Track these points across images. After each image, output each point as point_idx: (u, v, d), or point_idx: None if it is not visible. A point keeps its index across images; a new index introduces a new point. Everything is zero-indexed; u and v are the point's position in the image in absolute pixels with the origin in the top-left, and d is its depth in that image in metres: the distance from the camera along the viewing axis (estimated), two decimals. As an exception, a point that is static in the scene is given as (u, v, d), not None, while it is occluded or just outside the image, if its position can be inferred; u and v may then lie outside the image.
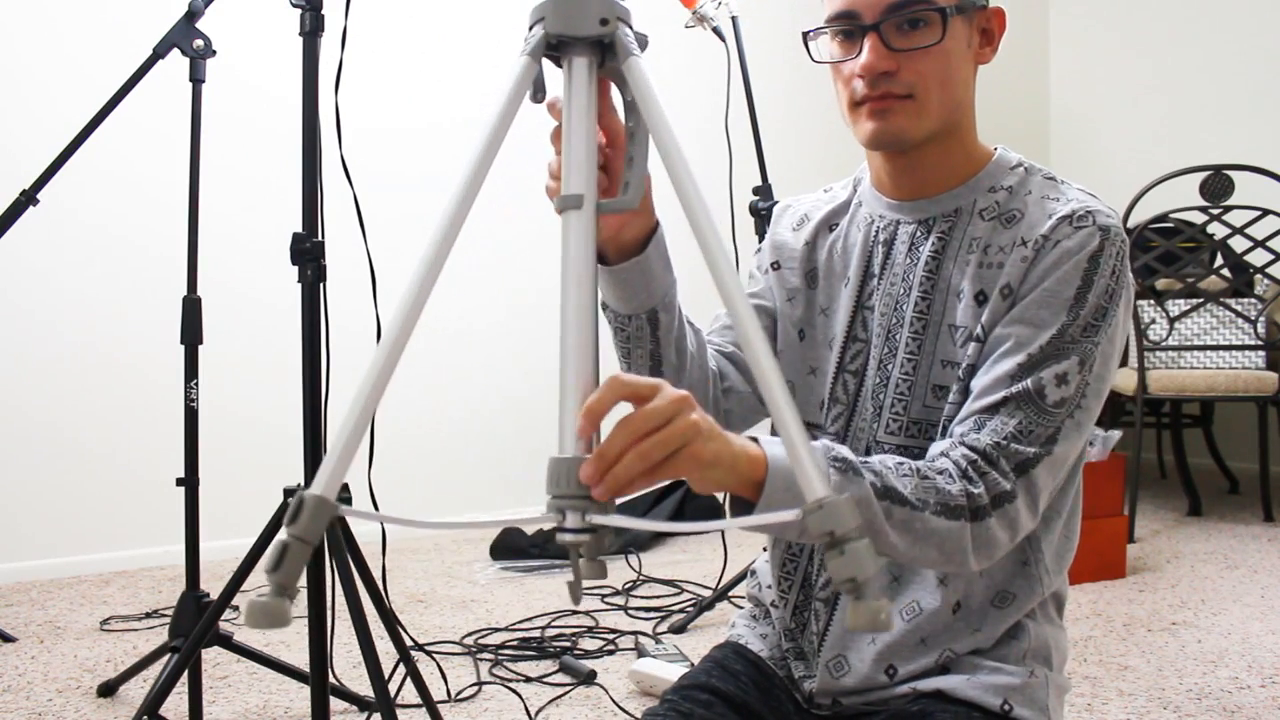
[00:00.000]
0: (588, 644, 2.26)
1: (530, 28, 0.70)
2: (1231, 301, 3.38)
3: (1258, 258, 3.37)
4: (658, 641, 2.20)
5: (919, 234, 1.01)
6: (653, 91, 0.68)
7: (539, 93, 0.73)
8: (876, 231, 1.04)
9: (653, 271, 0.94)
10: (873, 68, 0.93)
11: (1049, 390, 0.90)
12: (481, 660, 2.15)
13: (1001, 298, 0.94)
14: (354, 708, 1.89)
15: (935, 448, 0.91)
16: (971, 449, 0.89)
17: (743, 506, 0.78)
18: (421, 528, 0.61)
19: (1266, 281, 3.50)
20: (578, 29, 0.68)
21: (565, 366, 0.61)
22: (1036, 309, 0.92)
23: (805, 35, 1.01)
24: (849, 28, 0.95)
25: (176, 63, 1.88)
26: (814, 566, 1.05)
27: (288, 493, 1.52)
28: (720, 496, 2.95)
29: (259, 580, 2.80)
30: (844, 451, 0.84)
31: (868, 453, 1.00)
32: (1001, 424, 0.89)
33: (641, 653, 2.13)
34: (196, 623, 1.74)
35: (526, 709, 1.87)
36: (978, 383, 0.93)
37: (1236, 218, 3.29)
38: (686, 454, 0.69)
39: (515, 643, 2.26)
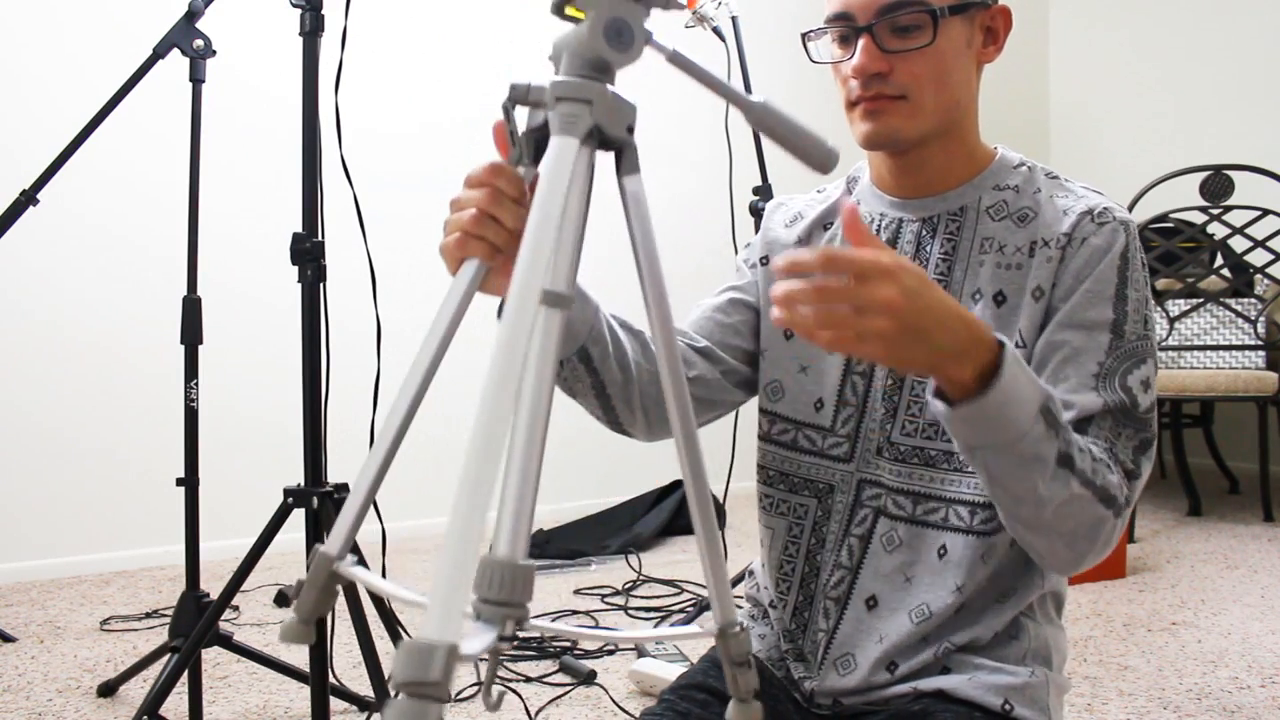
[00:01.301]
0: (588, 644, 2.26)
1: (557, 102, 0.63)
2: (1231, 301, 3.38)
3: (1258, 258, 3.38)
4: (658, 641, 2.20)
5: (924, 233, 1.01)
6: (646, 209, 0.67)
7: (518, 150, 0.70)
8: (879, 230, 1.04)
9: (569, 318, 0.92)
10: (864, 69, 0.94)
11: (1139, 398, 0.92)
12: (481, 660, 2.15)
13: (1034, 300, 0.95)
14: (354, 708, 1.89)
15: None
16: (1112, 459, 0.89)
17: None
18: (412, 603, 0.62)
19: (1266, 281, 3.50)
20: (613, 129, 0.64)
21: (512, 458, 0.57)
22: (1083, 310, 0.93)
23: (804, 36, 1.01)
24: (844, 29, 0.96)
25: (176, 63, 1.88)
26: (815, 567, 1.05)
27: (288, 493, 1.52)
28: (721, 499, 2.95)
29: (259, 580, 2.80)
30: (1056, 408, 0.83)
31: (879, 453, 1.01)
32: (1101, 433, 0.90)
33: (641, 653, 2.13)
34: (196, 623, 1.74)
35: (526, 709, 1.87)
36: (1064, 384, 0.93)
37: (1236, 218, 3.29)
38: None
39: (515, 643, 2.26)
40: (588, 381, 0.98)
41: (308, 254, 1.52)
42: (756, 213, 2.50)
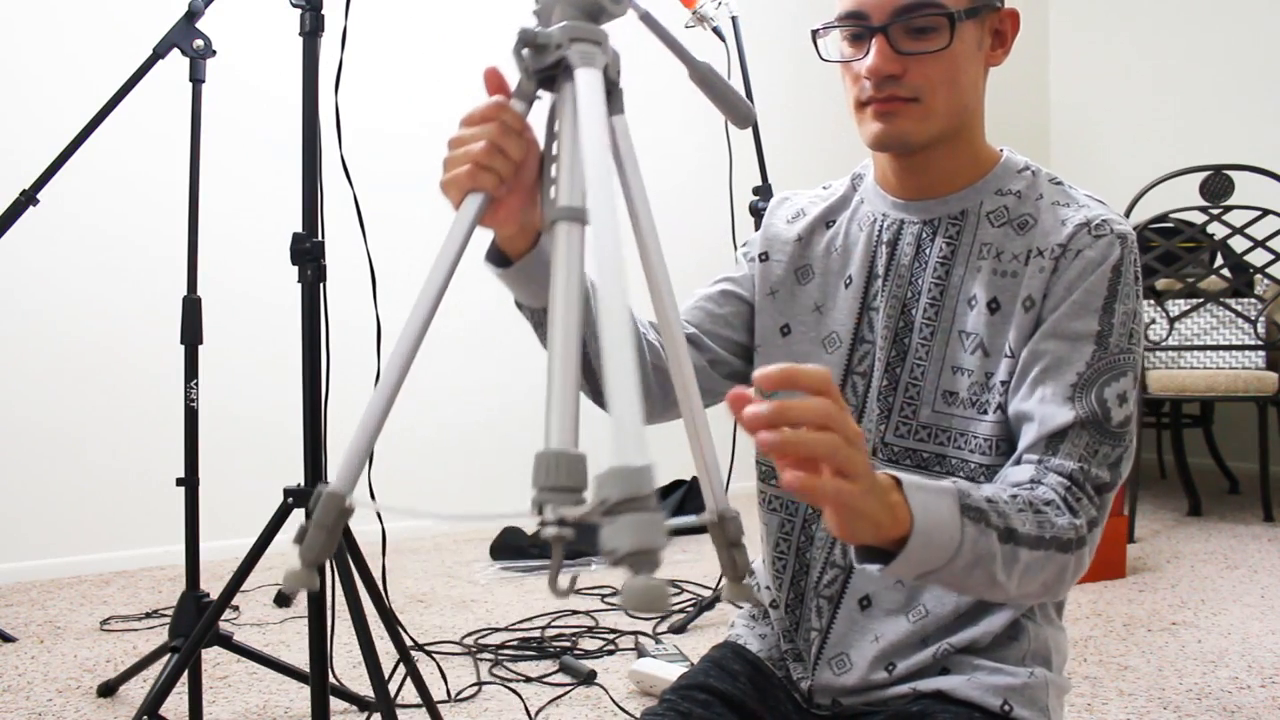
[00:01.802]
0: (588, 644, 2.26)
1: (572, 41, 0.70)
2: (1231, 301, 3.38)
3: (1258, 258, 3.37)
4: (658, 641, 2.20)
5: (925, 235, 1.01)
6: (632, 145, 0.72)
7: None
8: (880, 231, 1.04)
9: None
10: (878, 70, 0.93)
11: (1113, 411, 0.91)
12: (481, 660, 2.15)
13: (1024, 310, 0.94)
14: (354, 708, 1.89)
15: (1019, 473, 0.91)
16: (1064, 477, 0.89)
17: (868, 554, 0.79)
18: (424, 518, 0.63)
19: (1266, 281, 3.50)
20: (610, 72, 0.71)
21: (552, 363, 0.64)
22: (1069, 321, 0.92)
23: (814, 33, 1.00)
24: (858, 28, 0.95)
25: (176, 63, 1.88)
26: (804, 564, 1.05)
27: (288, 493, 1.52)
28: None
29: (259, 580, 2.80)
30: (975, 499, 0.82)
31: (873, 454, 1.00)
32: (1074, 449, 0.89)
33: (641, 653, 2.13)
34: (196, 623, 1.74)
35: (526, 709, 1.87)
36: (1028, 406, 0.92)
37: (1236, 218, 3.29)
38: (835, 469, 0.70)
39: (515, 643, 2.26)
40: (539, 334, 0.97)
41: (308, 254, 1.52)
42: (757, 213, 2.50)
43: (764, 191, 2.51)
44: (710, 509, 0.72)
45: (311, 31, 1.52)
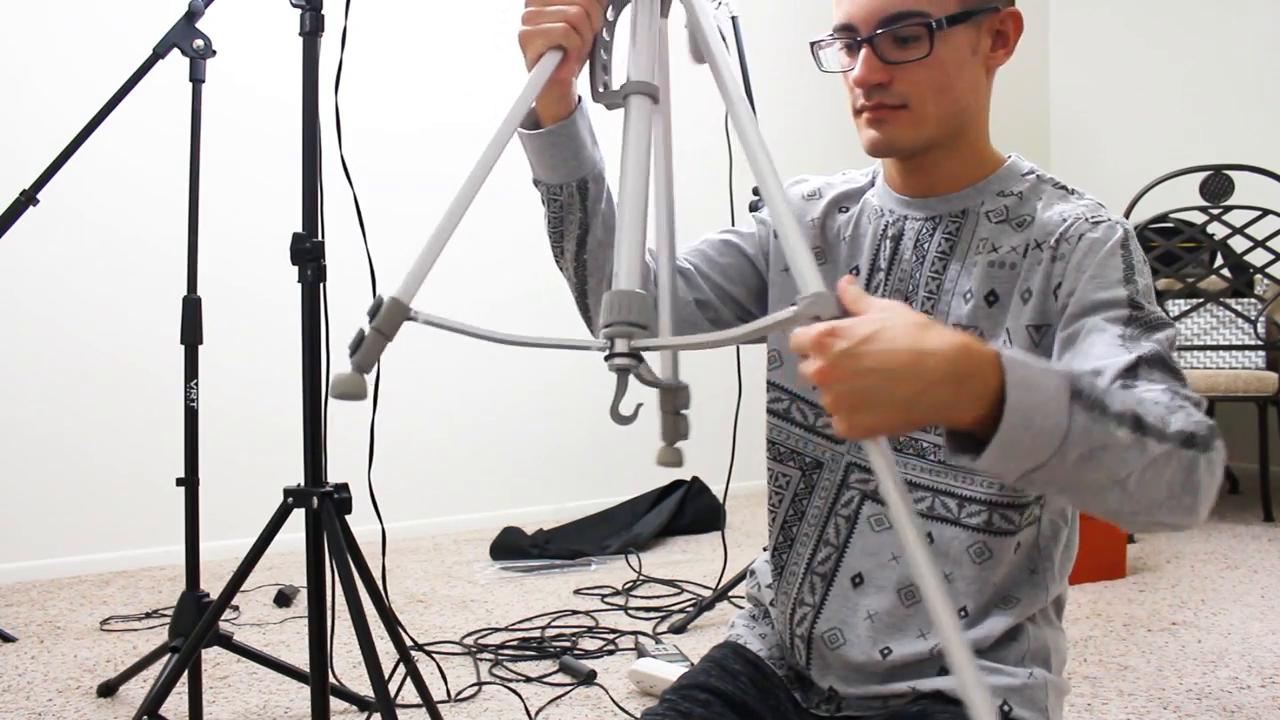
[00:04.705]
0: (588, 644, 2.26)
1: None
2: (1231, 301, 3.38)
3: (1258, 258, 3.38)
4: (658, 641, 2.20)
5: (925, 231, 1.02)
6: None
7: None
8: (885, 226, 1.05)
9: (581, 139, 0.97)
10: (865, 80, 0.96)
11: (1169, 357, 0.85)
12: (481, 660, 2.15)
13: (1022, 301, 0.95)
14: (354, 708, 1.89)
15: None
16: (1177, 399, 0.80)
17: (962, 444, 0.72)
18: (478, 336, 0.72)
19: (1266, 281, 3.50)
20: None
21: (621, 215, 0.74)
22: (1093, 294, 0.90)
23: (814, 45, 1.02)
24: (848, 40, 0.98)
25: (176, 63, 1.88)
26: (790, 538, 1.07)
27: (288, 493, 1.52)
28: (721, 499, 2.95)
29: (259, 580, 2.80)
30: (1087, 383, 0.73)
31: None
32: (1152, 377, 0.82)
33: (641, 653, 2.13)
34: (196, 623, 1.74)
35: (526, 709, 1.87)
36: (1079, 367, 0.86)
37: (1236, 218, 3.29)
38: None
39: (515, 643, 2.26)
40: (577, 216, 1.00)
41: (308, 254, 1.52)
42: (756, 212, 2.50)
43: (764, 191, 2.51)
44: (669, 378, 0.80)
45: (311, 31, 1.52)
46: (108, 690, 1.98)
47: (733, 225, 1.16)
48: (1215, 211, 3.29)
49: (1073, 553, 1.04)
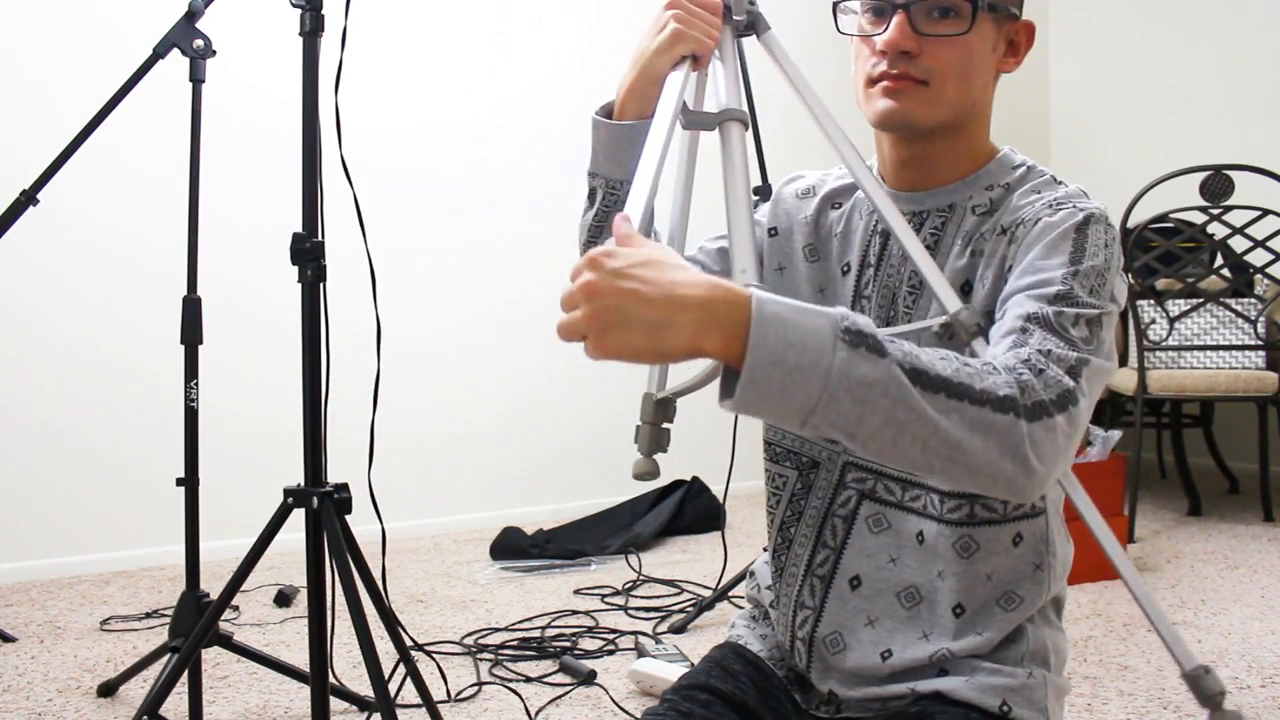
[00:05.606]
0: (588, 644, 2.26)
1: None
2: (1231, 301, 3.38)
3: (1258, 258, 3.37)
4: (658, 641, 2.20)
5: (912, 225, 1.02)
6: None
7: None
8: (876, 222, 1.05)
9: (624, 156, 1.01)
10: (895, 44, 0.94)
11: (1069, 325, 0.84)
12: (481, 660, 2.15)
13: (982, 287, 0.95)
14: (354, 708, 1.89)
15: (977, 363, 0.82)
16: (1019, 360, 0.81)
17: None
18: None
19: (1266, 281, 3.50)
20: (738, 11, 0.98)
21: (731, 234, 0.81)
22: (1030, 273, 0.89)
23: (835, 5, 1.01)
24: (880, 3, 0.96)
25: (176, 63, 1.88)
26: (787, 539, 1.06)
27: (288, 493, 1.52)
28: (721, 499, 2.95)
29: (259, 580, 2.80)
30: (864, 324, 0.72)
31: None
32: (1034, 341, 0.83)
33: (641, 653, 2.13)
34: (196, 623, 1.74)
35: (526, 709, 1.87)
36: (996, 330, 0.88)
37: (1236, 218, 3.29)
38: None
39: (515, 643, 2.26)
40: (598, 207, 1.05)
41: (308, 254, 1.52)
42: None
43: (764, 191, 2.51)
44: (663, 386, 0.84)
45: (311, 31, 1.52)
46: (108, 690, 1.98)
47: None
48: (1215, 211, 3.29)
49: (1070, 550, 1.04)
